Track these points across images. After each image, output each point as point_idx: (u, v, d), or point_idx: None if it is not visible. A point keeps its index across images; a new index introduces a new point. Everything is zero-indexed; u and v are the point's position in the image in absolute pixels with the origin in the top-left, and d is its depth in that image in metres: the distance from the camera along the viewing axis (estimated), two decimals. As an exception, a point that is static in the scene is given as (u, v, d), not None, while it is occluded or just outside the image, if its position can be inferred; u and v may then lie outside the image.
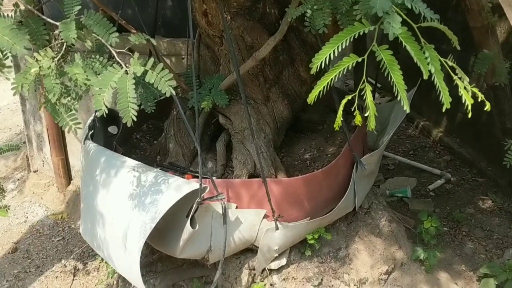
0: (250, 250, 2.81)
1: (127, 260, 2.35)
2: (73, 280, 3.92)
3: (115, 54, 1.68)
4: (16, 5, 2.01)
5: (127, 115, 1.49)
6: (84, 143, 2.72)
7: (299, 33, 2.79)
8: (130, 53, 1.69)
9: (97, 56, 1.81)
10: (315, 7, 2.06)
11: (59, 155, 5.00)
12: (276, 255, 2.75)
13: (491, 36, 2.91)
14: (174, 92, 1.57)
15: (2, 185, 4.89)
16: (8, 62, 1.84)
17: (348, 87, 6.86)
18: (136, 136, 3.37)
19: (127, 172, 2.41)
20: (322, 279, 2.85)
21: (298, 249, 2.90)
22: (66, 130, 1.75)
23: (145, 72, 1.57)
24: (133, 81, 1.53)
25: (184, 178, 2.70)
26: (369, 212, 3.25)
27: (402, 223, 3.50)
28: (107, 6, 2.90)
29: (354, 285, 2.91)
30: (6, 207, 4.15)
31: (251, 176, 2.73)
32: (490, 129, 4.73)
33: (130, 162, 2.47)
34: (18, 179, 5.59)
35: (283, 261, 2.81)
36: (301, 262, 2.89)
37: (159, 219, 2.20)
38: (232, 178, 2.73)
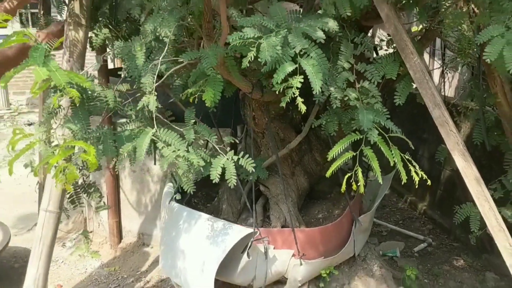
0: (279, 282, 3.95)
1: (203, 279, 3.49)
2: (133, 326, 4.93)
3: (217, 148, 2.97)
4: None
5: (232, 181, 2.74)
6: (169, 203, 3.96)
7: (316, 132, 4.15)
8: (225, 147, 3.00)
9: (203, 148, 3.11)
10: (328, 119, 3.40)
11: (114, 217, 6.08)
12: (300, 285, 3.90)
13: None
14: (254, 171, 2.84)
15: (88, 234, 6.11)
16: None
17: (347, 166, 8.17)
18: (194, 201, 4.62)
19: (204, 222, 3.63)
20: (331, 305, 3.98)
21: (314, 283, 4.04)
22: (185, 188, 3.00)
23: (238, 159, 2.85)
24: (233, 165, 2.79)
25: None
26: (365, 260, 4.41)
27: (390, 270, 4.65)
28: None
29: (354, 311, 4.03)
30: (96, 252, 5.44)
31: (283, 226, 3.94)
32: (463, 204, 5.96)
33: (205, 215, 3.70)
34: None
35: (303, 291, 3.95)
36: (316, 292, 4.03)
37: (228, 251, 3.40)
38: (270, 228, 3.95)
